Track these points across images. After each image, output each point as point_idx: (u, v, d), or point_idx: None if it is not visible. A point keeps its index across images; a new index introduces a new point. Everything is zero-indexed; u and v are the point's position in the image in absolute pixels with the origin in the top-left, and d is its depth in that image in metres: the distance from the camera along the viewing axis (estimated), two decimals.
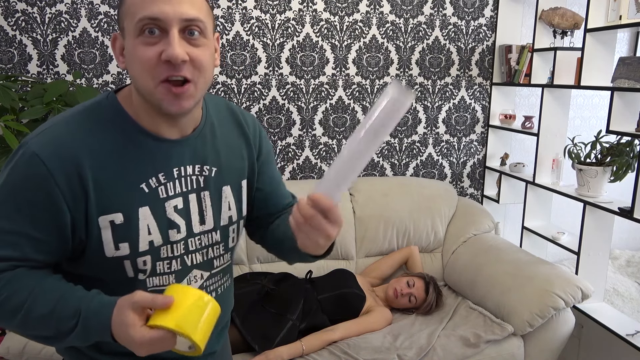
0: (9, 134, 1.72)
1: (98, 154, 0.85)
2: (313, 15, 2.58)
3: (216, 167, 0.98)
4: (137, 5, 0.79)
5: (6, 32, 2.29)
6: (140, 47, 0.80)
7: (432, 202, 2.58)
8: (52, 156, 0.81)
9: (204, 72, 0.84)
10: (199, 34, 0.82)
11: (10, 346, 1.74)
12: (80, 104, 0.91)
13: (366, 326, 2.02)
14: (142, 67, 0.80)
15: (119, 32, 0.86)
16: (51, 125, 0.85)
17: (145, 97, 0.85)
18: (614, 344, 2.08)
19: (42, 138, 0.83)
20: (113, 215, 0.86)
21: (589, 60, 2.21)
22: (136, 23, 0.79)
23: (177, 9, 0.78)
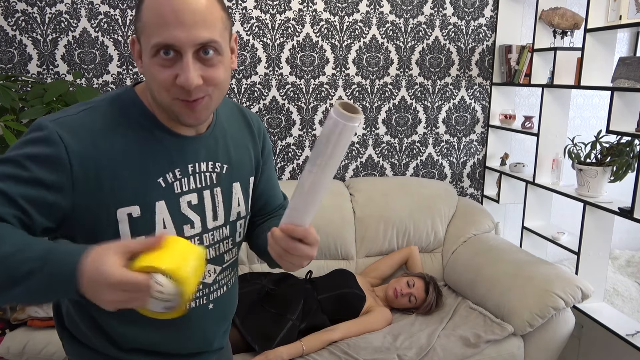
0: (9, 134, 1.72)
1: (118, 145, 0.85)
2: (313, 15, 2.58)
3: (227, 165, 1.00)
4: (152, 28, 0.80)
5: (6, 32, 2.29)
6: (157, 67, 0.81)
7: (432, 202, 2.58)
8: (73, 140, 0.81)
9: (219, 86, 0.86)
10: (213, 52, 0.83)
11: (10, 346, 1.74)
12: (101, 96, 0.91)
13: (366, 326, 2.02)
14: (158, 87, 0.83)
15: (137, 33, 0.86)
16: (72, 114, 0.85)
17: (163, 107, 0.87)
18: (614, 344, 2.08)
19: (64, 122, 0.83)
20: (131, 207, 0.86)
21: (589, 60, 2.21)
22: (151, 48, 0.80)
23: (191, 35, 0.79)
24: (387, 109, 2.79)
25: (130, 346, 0.98)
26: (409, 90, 2.80)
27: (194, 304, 0.99)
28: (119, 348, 0.98)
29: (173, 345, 1.02)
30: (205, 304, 1.02)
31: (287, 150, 2.70)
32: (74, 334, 0.99)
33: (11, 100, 1.82)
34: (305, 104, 2.67)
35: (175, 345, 1.02)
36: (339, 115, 0.71)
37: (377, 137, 2.81)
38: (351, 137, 0.74)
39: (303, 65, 2.63)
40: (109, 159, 0.84)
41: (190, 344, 1.03)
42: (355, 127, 0.73)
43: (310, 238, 0.82)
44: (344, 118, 0.71)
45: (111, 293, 0.66)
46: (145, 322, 0.92)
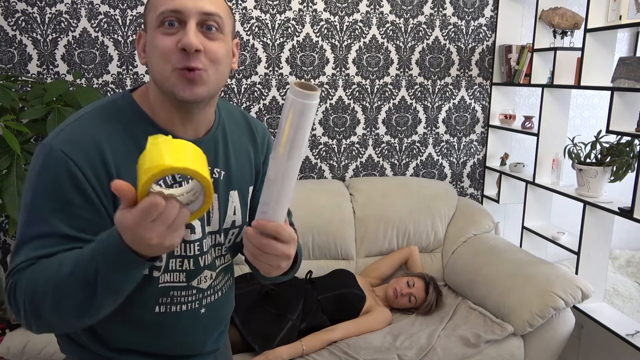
0: (9, 134, 1.72)
1: (118, 149, 0.86)
2: (313, 15, 2.58)
3: (225, 171, 0.99)
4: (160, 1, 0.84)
5: (6, 32, 2.29)
6: (160, 36, 0.83)
7: (432, 202, 2.58)
8: (78, 152, 0.82)
9: (218, 64, 0.86)
10: (216, 29, 0.85)
11: (11, 346, 1.74)
12: (97, 102, 0.92)
13: (366, 326, 2.02)
14: (159, 55, 0.83)
15: (143, 30, 0.89)
16: (69, 124, 0.86)
17: (160, 87, 0.86)
18: (614, 344, 2.08)
19: (62, 135, 0.84)
20: None
21: (589, 60, 2.21)
22: (158, 15, 0.83)
23: (197, 3, 0.82)
24: (387, 109, 2.79)
25: (121, 346, 0.97)
26: (409, 90, 2.80)
27: (185, 307, 0.99)
28: (111, 348, 0.97)
29: (163, 347, 1.01)
30: (197, 308, 1.00)
31: None
32: (68, 334, 0.99)
33: (11, 100, 1.82)
34: None
35: (166, 347, 1.01)
36: (297, 95, 0.68)
37: (377, 137, 2.81)
38: (312, 116, 0.70)
39: (303, 65, 2.62)
40: (114, 162, 0.85)
41: (180, 346, 1.03)
42: (315, 105, 0.70)
43: (285, 235, 0.76)
44: (302, 96, 0.68)
45: (148, 232, 0.67)
46: (137, 322, 0.94)
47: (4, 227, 2.47)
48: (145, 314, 0.95)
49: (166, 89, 0.85)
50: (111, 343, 0.97)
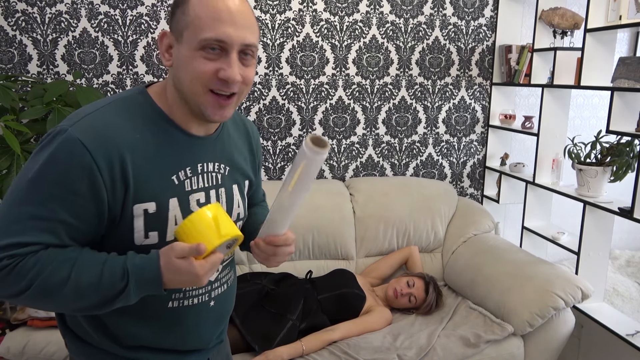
0: (9, 134, 1.72)
1: (136, 143, 0.87)
2: (313, 15, 2.58)
3: (229, 167, 1.04)
4: (204, 22, 0.84)
5: (6, 32, 2.29)
6: (200, 59, 0.85)
7: (432, 202, 2.58)
8: (96, 143, 0.82)
9: (248, 86, 0.93)
10: (251, 56, 0.90)
11: (11, 346, 1.74)
12: (114, 96, 0.92)
13: (366, 326, 2.02)
14: (195, 76, 0.86)
15: (171, 31, 0.90)
16: (89, 113, 0.86)
17: (188, 100, 0.90)
18: (614, 344, 2.08)
19: (82, 124, 0.83)
20: (147, 204, 0.88)
21: (589, 60, 2.21)
22: (200, 40, 0.84)
23: (240, 34, 0.86)
24: (387, 109, 2.79)
25: (133, 343, 0.99)
26: (409, 90, 2.80)
27: (197, 301, 1.01)
28: (123, 345, 0.98)
29: (176, 341, 1.03)
30: (207, 301, 1.03)
31: (287, 150, 2.70)
32: (76, 333, 1.00)
33: (11, 100, 1.82)
34: (305, 104, 2.67)
35: (177, 342, 1.03)
36: (310, 150, 0.85)
37: (377, 137, 2.81)
38: (320, 165, 0.88)
39: (303, 65, 2.63)
40: (130, 156, 0.86)
41: (190, 340, 1.04)
42: (323, 158, 0.87)
43: (290, 241, 0.97)
44: (314, 152, 0.85)
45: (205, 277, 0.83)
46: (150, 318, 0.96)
47: None
48: (159, 310, 0.97)
49: (195, 105, 0.89)
50: (123, 340, 0.98)
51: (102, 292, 0.82)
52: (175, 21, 0.88)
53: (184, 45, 0.86)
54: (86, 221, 0.84)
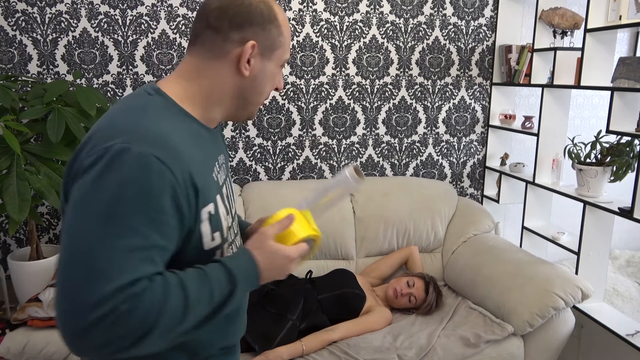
0: (9, 134, 1.72)
1: (187, 146, 0.83)
2: (313, 15, 2.58)
3: (225, 158, 1.05)
4: (288, 44, 0.95)
5: (6, 32, 2.29)
6: (279, 75, 0.96)
7: (432, 202, 2.58)
8: (168, 155, 0.77)
9: None
10: None
11: (11, 346, 1.74)
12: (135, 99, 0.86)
13: (366, 326, 2.02)
14: (270, 88, 0.95)
15: (259, 46, 0.89)
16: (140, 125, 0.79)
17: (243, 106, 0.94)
18: (614, 344, 2.08)
19: (146, 138, 0.76)
20: (209, 206, 0.85)
21: (589, 60, 2.21)
22: (284, 60, 0.95)
23: None
24: (387, 109, 2.79)
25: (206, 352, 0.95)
26: (409, 90, 2.80)
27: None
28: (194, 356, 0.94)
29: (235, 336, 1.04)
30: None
31: (287, 150, 2.70)
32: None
33: (11, 100, 1.82)
34: (305, 104, 2.67)
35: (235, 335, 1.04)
36: (353, 178, 0.99)
37: (377, 137, 2.81)
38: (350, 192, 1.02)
39: (303, 65, 2.63)
40: (190, 161, 0.81)
41: (240, 330, 1.07)
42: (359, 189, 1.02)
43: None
44: (355, 181, 0.99)
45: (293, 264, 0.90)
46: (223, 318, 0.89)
47: (4, 227, 2.47)
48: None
49: (249, 110, 0.95)
50: (197, 350, 0.93)
51: (214, 303, 0.80)
52: (266, 37, 0.89)
53: (272, 62, 0.92)
54: (173, 240, 0.79)
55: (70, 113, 1.93)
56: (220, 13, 0.87)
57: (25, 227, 2.47)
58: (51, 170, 1.92)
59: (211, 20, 0.87)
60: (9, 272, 2.34)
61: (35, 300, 1.80)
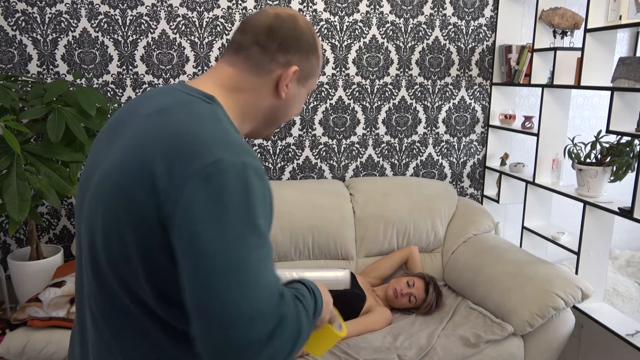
0: (9, 134, 1.72)
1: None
2: (313, 15, 2.58)
3: None
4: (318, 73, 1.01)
5: (6, 32, 2.29)
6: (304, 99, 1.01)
7: (432, 202, 2.58)
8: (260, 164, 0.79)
9: None
10: None
11: (11, 346, 1.74)
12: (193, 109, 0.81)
13: (366, 326, 2.02)
14: (296, 112, 0.99)
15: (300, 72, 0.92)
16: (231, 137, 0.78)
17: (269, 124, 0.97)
18: (614, 344, 2.08)
19: (247, 150, 0.77)
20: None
21: (589, 60, 2.21)
22: (313, 88, 1.04)
23: None
24: (387, 109, 2.79)
25: None
26: (409, 90, 2.80)
27: None
28: None
29: None
30: None
31: (287, 150, 2.70)
32: None
33: (11, 100, 1.82)
34: (306, 104, 2.67)
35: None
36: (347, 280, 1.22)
37: (377, 137, 2.81)
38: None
39: None
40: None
41: None
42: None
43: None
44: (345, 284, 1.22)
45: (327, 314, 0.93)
46: None
47: (4, 227, 2.47)
48: None
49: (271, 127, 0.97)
50: None
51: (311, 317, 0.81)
52: (307, 65, 0.94)
53: (305, 88, 0.97)
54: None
55: (70, 113, 1.93)
56: (271, 33, 0.88)
57: (25, 227, 2.47)
58: (51, 170, 1.92)
59: (260, 37, 0.88)
60: (9, 272, 2.34)
61: (35, 300, 1.80)
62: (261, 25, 0.88)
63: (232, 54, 0.90)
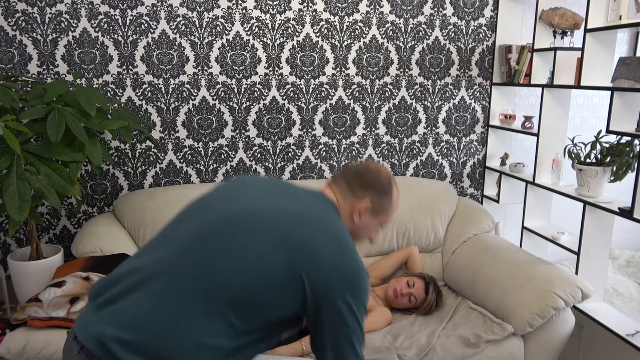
0: (9, 134, 1.72)
1: None
2: (313, 15, 2.58)
3: None
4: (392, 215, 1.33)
5: (6, 32, 2.29)
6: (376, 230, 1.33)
7: (432, 202, 2.58)
8: None
9: None
10: None
11: (11, 346, 1.74)
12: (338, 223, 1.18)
13: (366, 326, 2.02)
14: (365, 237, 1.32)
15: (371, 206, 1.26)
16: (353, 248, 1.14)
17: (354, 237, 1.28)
18: (614, 344, 2.08)
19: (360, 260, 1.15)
20: None
21: (589, 60, 2.21)
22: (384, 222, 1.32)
23: None
24: (387, 109, 2.79)
25: None
26: (409, 90, 2.80)
27: None
28: None
29: None
30: None
31: (287, 150, 2.70)
32: None
33: (11, 100, 1.82)
34: (305, 104, 2.67)
35: None
36: None
37: (377, 137, 2.81)
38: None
39: (303, 65, 2.63)
40: None
41: None
42: None
43: None
44: None
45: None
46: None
47: (4, 227, 2.47)
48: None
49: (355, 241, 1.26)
50: None
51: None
52: (378, 203, 1.27)
53: (376, 220, 1.29)
54: None
55: (70, 113, 1.93)
56: (356, 175, 1.28)
57: (25, 227, 2.47)
58: (51, 170, 1.92)
59: (349, 177, 1.28)
60: (9, 272, 2.34)
61: (35, 300, 1.80)
62: (352, 169, 1.31)
63: (334, 181, 1.30)
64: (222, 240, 1.06)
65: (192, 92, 2.53)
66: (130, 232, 2.31)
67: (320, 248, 1.07)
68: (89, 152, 1.97)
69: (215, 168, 2.64)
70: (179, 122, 2.55)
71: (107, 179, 2.54)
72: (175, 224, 1.20)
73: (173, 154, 2.58)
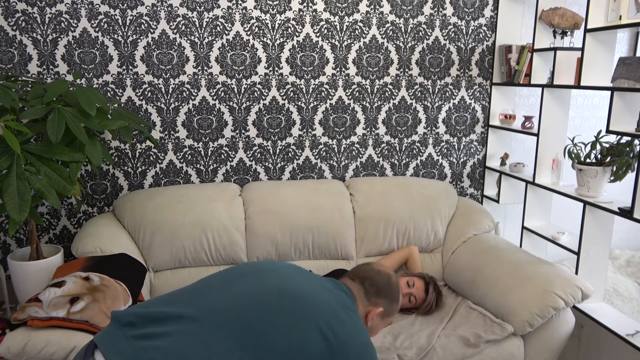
0: (9, 134, 1.72)
1: None
2: (313, 15, 2.58)
3: None
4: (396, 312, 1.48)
5: (6, 32, 2.29)
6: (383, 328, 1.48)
7: (432, 202, 2.58)
8: None
9: None
10: None
11: (11, 346, 1.74)
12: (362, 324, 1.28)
13: None
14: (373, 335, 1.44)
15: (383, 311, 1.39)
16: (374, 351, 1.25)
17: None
18: (614, 344, 2.08)
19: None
20: None
21: (589, 60, 2.21)
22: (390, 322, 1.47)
23: None
24: (387, 109, 2.79)
25: None
26: (409, 90, 2.80)
27: None
28: None
29: None
30: None
31: (287, 150, 2.70)
32: None
33: (11, 100, 1.82)
34: (305, 104, 2.68)
35: None
36: None
37: (377, 137, 2.81)
38: None
39: (303, 65, 2.63)
40: None
41: None
42: None
43: None
44: None
45: None
46: None
47: (4, 227, 2.47)
48: None
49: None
50: None
51: None
52: (389, 308, 1.40)
53: (384, 322, 1.43)
54: None
55: (70, 113, 1.93)
56: (373, 283, 1.38)
57: (25, 227, 2.47)
58: (51, 170, 1.92)
59: (366, 284, 1.38)
60: (9, 272, 2.34)
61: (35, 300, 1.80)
62: (370, 277, 1.39)
63: (353, 281, 1.39)
64: (278, 315, 1.16)
65: (192, 92, 2.54)
66: (130, 232, 2.31)
67: (353, 344, 1.19)
68: (89, 152, 1.97)
69: (215, 168, 2.65)
70: (179, 122, 2.55)
71: (107, 179, 2.54)
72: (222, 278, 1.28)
73: (173, 154, 2.58)
